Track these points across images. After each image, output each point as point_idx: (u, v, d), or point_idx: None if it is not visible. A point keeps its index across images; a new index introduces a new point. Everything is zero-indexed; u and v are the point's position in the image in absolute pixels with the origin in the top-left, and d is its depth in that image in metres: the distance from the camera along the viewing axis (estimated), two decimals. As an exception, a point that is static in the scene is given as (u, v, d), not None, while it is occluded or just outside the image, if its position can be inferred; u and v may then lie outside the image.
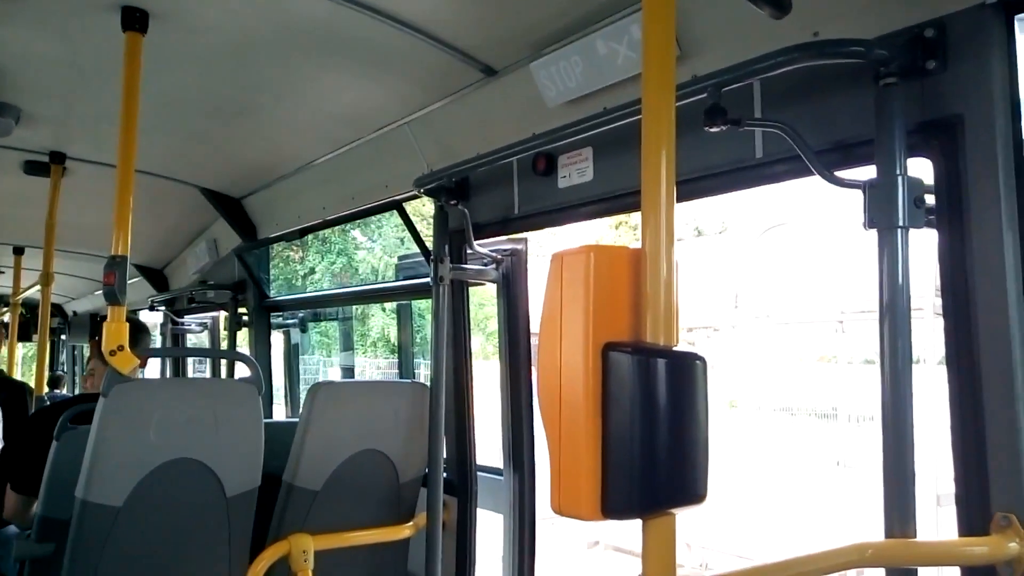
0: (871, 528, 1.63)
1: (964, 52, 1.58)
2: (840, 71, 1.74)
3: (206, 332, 6.54)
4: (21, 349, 7.18)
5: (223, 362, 5.71)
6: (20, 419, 3.86)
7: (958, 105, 1.59)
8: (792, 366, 18.31)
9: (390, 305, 24.33)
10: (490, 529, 3.15)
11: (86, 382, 3.28)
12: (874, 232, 1.61)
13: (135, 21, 2.46)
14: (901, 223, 1.55)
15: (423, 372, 4.74)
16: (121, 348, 2.46)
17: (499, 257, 2.97)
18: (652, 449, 1.13)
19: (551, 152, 2.54)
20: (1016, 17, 1.57)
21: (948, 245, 1.62)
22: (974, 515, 1.56)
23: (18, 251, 6.11)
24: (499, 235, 2.92)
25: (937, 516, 6.10)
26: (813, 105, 1.84)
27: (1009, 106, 1.56)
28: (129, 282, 2.58)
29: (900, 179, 1.55)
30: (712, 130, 1.79)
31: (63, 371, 10.46)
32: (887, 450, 1.55)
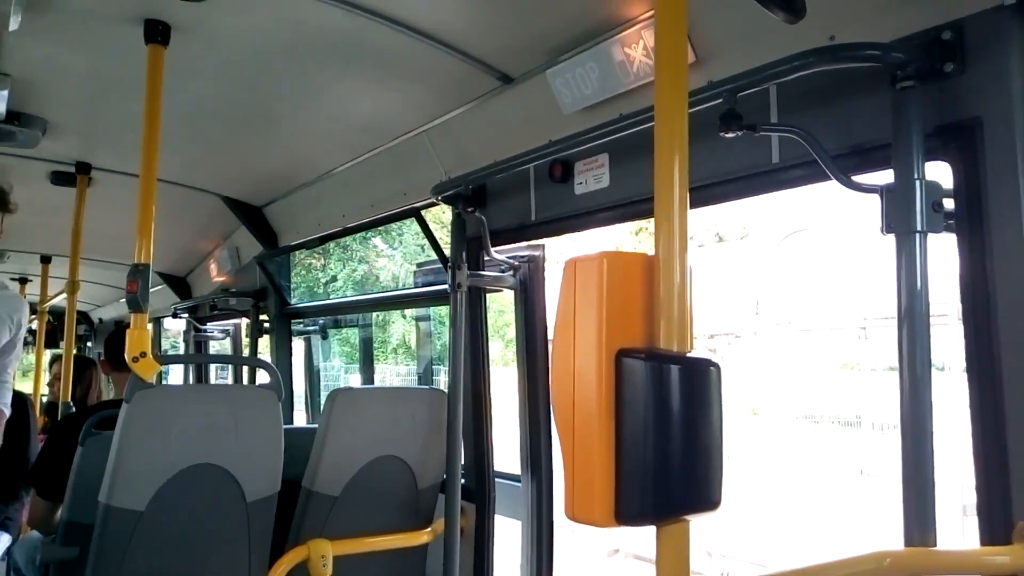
0: (894, 538, 1.60)
1: (982, 54, 1.57)
2: (857, 75, 1.73)
3: (228, 339, 6.60)
4: (48, 356, 7.27)
5: (245, 369, 5.77)
6: (21, 428, 3.90)
7: (976, 108, 1.58)
8: (815, 373, 18.12)
9: (410, 312, 24.48)
10: (508, 535, 3.14)
11: (52, 386, 3.30)
12: (892, 237, 1.59)
13: (157, 34, 2.50)
14: (919, 228, 1.53)
15: (443, 379, 4.75)
16: (144, 355, 2.49)
17: (516, 264, 2.98)
18: (666, 456, 1.13)
19: (567, 159, 2.54)
20: None
21: (968, 250, 1.60)
22: (996, 524, 1.54)
23: (45, 260, 6.21)
24: (516, 242, 2.92)
25: (963, 526, 6.00)
26: (830, 109, 1.83)
27: None
28: (153, 290, 2.62)
29: (918, 183, 1.53)
30: (728, 135, 1.78)
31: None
32: (907, 458, 1.53)
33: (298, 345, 5.49)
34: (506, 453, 3.20)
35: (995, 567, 1.48)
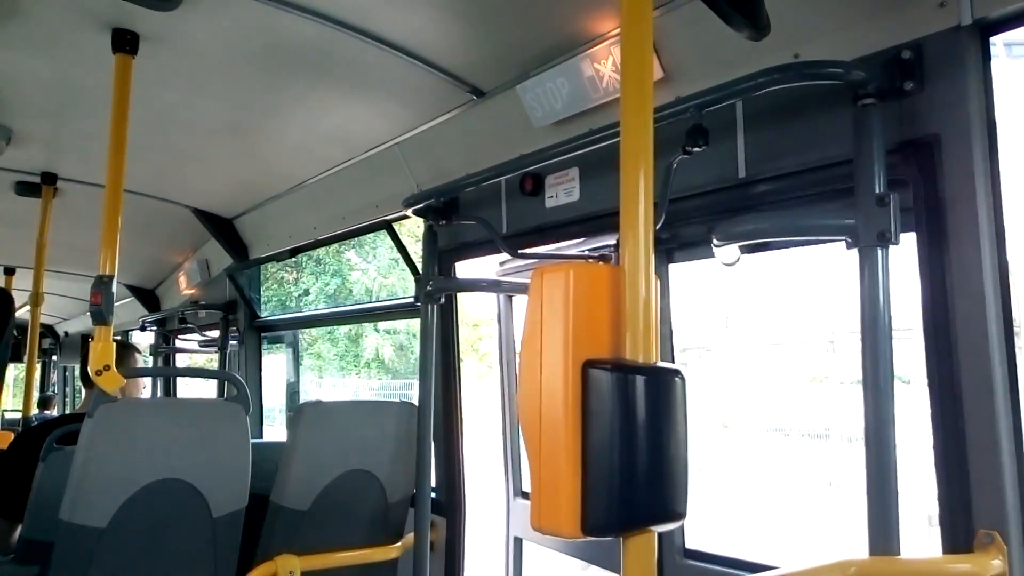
0: (861, 547, 1.62)
1: (941, 73, 1.61)
2: (820, 92, 1.77)
3: (198, 352, 6.52)
4: (13, 370, 7.13)
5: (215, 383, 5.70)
6: None
7: (935, 125, 1.62)
8: (785, 386, 18.30)
9: (384, 326, 24.36)
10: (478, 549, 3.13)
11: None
12: (855, 251, 1.62)
13: (125, 43, 2.48)
14: (881, 242, 1.56)
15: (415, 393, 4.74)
16: (108, 368, 2.45)
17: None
18: (632, 467, 1.13)
19: (538, 172, 2.56)
20: (991, 39, 1.60)
21: (928, 263, 1.64)
22: (958, 533, 1.56)
23: (9, 271, 6.10)
24: (488, 254, 2.93)
25: (930, 535, 6.07)
26: (794, 126, 1.86)
27: (985, 125, 1.58)
28: (121, 302, 2.59)
29: (879, 198, 1.56)
30: (695, 150, 1.81)
31: (54, 391, 10.39)
32: (870, 468, 1.55)
33: (278, 358, 5.45)
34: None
35: (957, 574, 1.51)
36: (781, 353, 19.29)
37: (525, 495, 3.38)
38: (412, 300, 3.14)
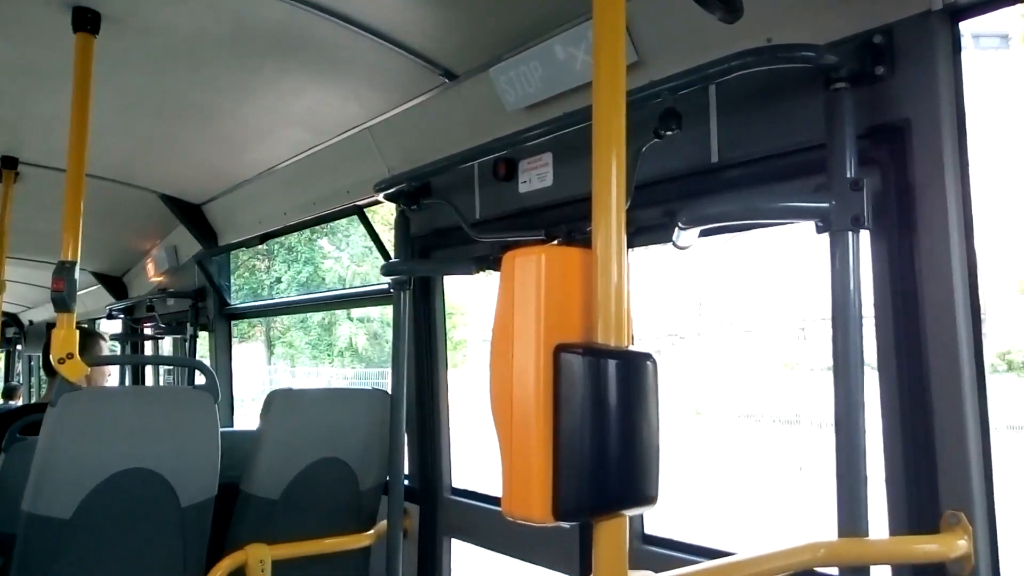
0: (829, 529, 1.64)
1: (911, 58, 1.61)
2: (793, 76, 1.77)
3: (167, 340, 6.43)
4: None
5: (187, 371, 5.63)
6: None
7: (906, 110, 1.62)
8: (756, 373, 18.53)
9: (357, 314, 24.24)
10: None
11: None
12: (826, 236, 1.63)
13: (86, 22, 2.41)
14: (851, 226, 1.57)
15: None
16: (71, 356, 2.40)
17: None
18: (603, 451, 1.12)
19: (511, 157, 2.54)
20: (961, 23, 1.61)
21: (897, 248, 1.65)
22: (924, 513, 1.59)
23: None
24: (460, 240, 2.91)
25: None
26: (767, 110, 1.86)
27: (955, 111, 1.59)
28: (87, 290, 2.54)
29: (850, 183, 1.57)
30: (667, 133, 1.80)
31: (19, 382, 10.21)
32: (840, 451, 1.56)
33: (248, 348, 5.38)
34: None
35: (924, 554, 1.53)
36: (753, 340, 19.52)
37: None
38: (386, 287, 3.11)
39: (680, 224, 1.72)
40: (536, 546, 2.59)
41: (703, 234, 1.80)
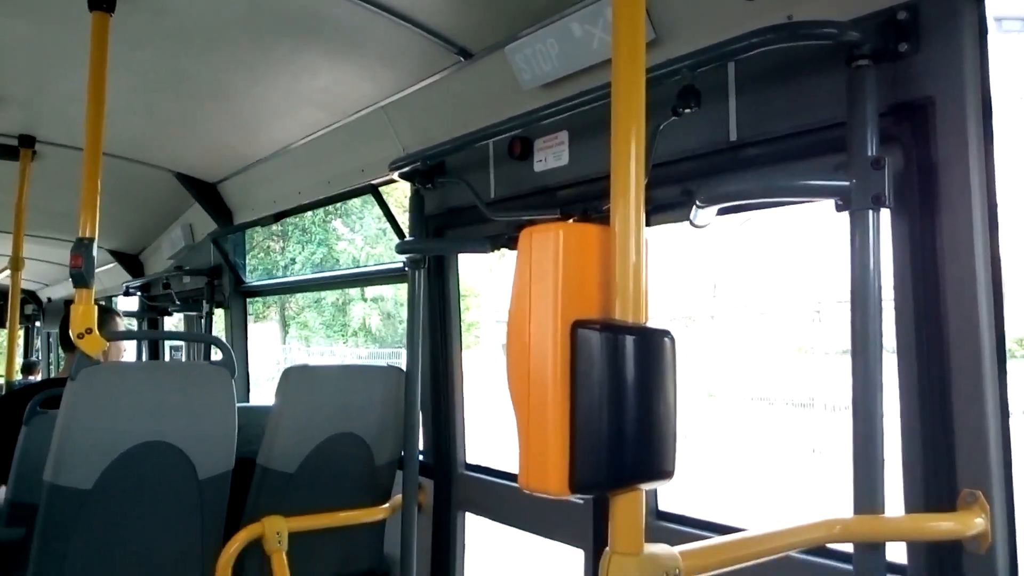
0: (843, 508, 1.64)
1: (936, 35, 1.59)
2: (814, 54, 1.75)
3: (183, 317, 6.49)
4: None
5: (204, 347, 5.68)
6: None
7: (929, 88, 1.60)
8: (770, 356, 18.46)
9: (371, 294, 24.34)
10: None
11: None
12: (846, 215, 1.61)
13: (102, 1, 2.42)
14: (872, 205, 1.55)
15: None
16: (89, 331, 2.42)
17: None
18: (620, 425, 1.13)
19: (527, 136, 2.53)
20: (987, 0, 1.58)
21: (919, 228, 1.63)
22: (942, 493, 1.58)
23: None
24: (476, 219, 2.90)
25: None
26: (787, 88, 1.84)
27: (979, 89, 1.56)
28: (104, 268, 2.56)
29: (872, 161, 1.55)
30: (686, 111, 1.79)
31: (38, 358, 10.34)
32: (857, 430, 1.56)
33: (263, 328, 5.41)
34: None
35: (940, 532, 1.53)
36: (768, 323, 19.44)
37: None
38: (401, 266, 3.12)
39: (698, 202, 1.71)
40: (550, 521, 2.61)
41: (721, 212, 1.79)
